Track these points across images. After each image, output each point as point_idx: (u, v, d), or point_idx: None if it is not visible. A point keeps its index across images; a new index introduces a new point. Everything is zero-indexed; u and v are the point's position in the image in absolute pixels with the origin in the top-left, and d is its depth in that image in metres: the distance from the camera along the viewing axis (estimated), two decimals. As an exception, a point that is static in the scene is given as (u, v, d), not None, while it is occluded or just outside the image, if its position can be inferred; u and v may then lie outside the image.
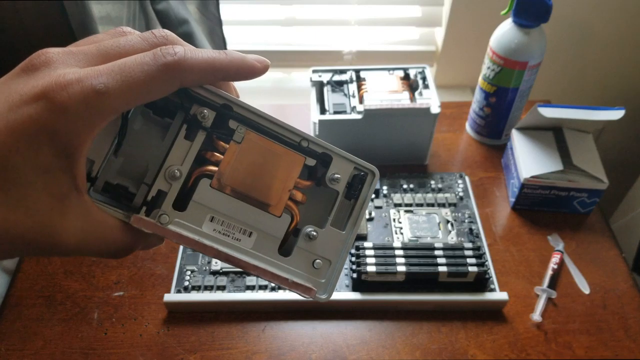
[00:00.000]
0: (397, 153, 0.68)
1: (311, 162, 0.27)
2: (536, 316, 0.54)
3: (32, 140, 0.21)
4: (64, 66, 0.22)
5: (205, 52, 0.24)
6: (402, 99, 0.64)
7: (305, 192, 0.28)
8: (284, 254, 0.27)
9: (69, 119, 0.21)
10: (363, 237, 0.60)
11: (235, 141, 0.26)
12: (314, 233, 0.27)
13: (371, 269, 0.53)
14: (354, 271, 0.54)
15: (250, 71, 0.26)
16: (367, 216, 0.62)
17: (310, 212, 0.28)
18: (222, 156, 0.26)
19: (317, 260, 0.27)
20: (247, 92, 0.92)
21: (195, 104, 0.26)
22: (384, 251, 0.55)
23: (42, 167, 0.21)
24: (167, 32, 0.25)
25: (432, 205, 0.63)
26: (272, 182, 0.27)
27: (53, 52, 0.22)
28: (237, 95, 0.27)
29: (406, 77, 0.67)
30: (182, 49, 0.23)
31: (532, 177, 0.61)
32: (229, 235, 0.26)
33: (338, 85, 0.67)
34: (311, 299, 0.26)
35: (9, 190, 0.21)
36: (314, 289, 0.26)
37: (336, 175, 0.27)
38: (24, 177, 0.21)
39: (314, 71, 0.68)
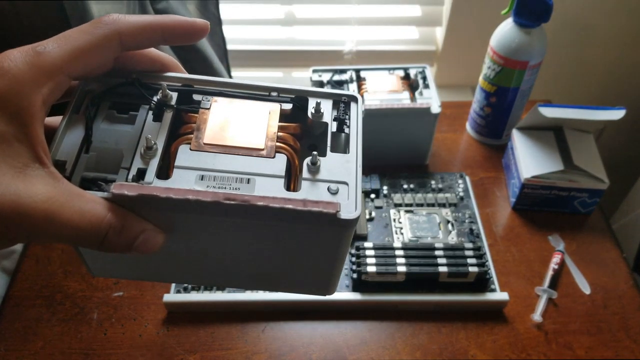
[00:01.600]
0: (397, 153, 0.68)
1: (287, 106, 0.27)
2: (537, 316, 0.54)
3: None
4: None
5: (142, 15, 0.25)
6: (402, 99, 0.63)
7: (297, 137, 0.27)
8: (292, 191, 0.25)
9: (13, 80, 0.21)
10: (363, 237, 0.60)
11: (203, 108, 0.26)
12: (315, 155, 0.25)
13: (371, 269, 0.53)
14: (354, 271, 0.54)
15: (189, 27, 0.26)
16: (367, 216, 0.62)
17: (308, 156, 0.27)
18: (195, 125, 0.26)
19: (331, 185, 0.24)
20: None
21: (155, 95, 0.26)
22: (384, 251, 0.55)
23: None
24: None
25: (433, 205, 0.63)
26: (254, 130, 0.26)
27: (12, 50, 0.23)
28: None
29: (406, 77, 0.67)
30: (117, 14, 0.24)
31: (533, 177, 0.60)
32: (225, 188, 0.24)
33: (338, 85, 0.66)
34: (336, 214, 0.23)
35: None
36: (337, 202, 0.23)
37: (315, 103, 0.27)
38: None
39: (314, 71, 0.68)
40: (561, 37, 0.82)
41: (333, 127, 0.27)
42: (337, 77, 0.67)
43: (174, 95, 0.26)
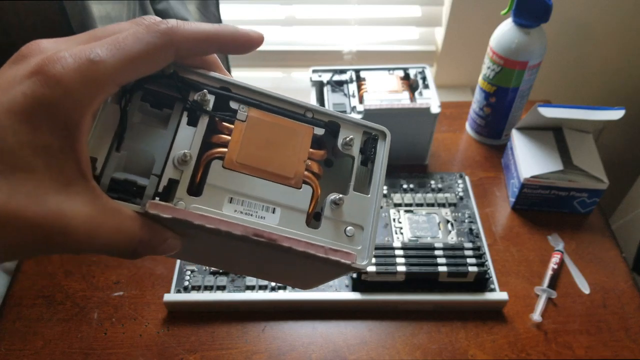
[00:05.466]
0: (397, 153, 0.68)
1: (320, 131, 0.27)
2: (536, 316, 0.54)
3: (29, 118, 0.20)
4: (55, 50, 0.21)
5: (197, 23, 0.24)
6: (402, 99, 0.64)
7: (320, 163, 0.27)
8: (312, 227, 0.26)
9: (65, 91, 0.20)
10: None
11: (239, 120, 0.26)
12: (339, 197, 0.26)
13: (371, 269, 0.53)
14: (354, 271, 0.54)
15: (245, 39, 0.25)
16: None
17: (329, 187, 0.27)
18: (229, 137, 0.25)
19: (349, 228, 0.26)
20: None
21: (192, 92, 0.25)
22: (384, 251, 0.55)
23: (42, 147, 0.20)
24: (156, 17, 0.24)
25: (432, 205, 0.63)
26: (285, 154, 0.26)
27: (42, 41, 0.22)
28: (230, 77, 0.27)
29: (406, 77, 0.67)
30: (174, 20, 0.23)
31: (532, 177, 0.61)
32: (252, 215, 0.24)
33: (338, 85, 0.67)
34: (351, 264, 0.25)
35: (8, 176, 0.19)
36: (354, 253, 0.25)
37: (349, 138, 0.27)
38: (24, 160, 0.20)
39: (314, 71, 0.68)
40: (561, 37, 0.82)
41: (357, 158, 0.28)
42: (337, 77, 0.67)
43: (211, 99, 0.25)
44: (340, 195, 0.26)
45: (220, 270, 0.56)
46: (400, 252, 0.54)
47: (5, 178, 0.19)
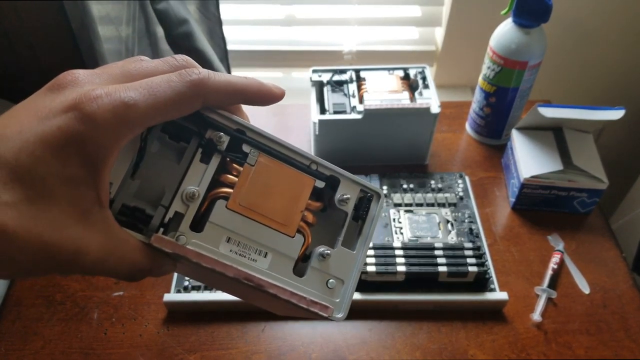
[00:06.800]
0: (397, 153, 0.68)
1: (320, 184, 0.28)
2: (536, 316, 0.54)
3: (61, 150, 0.21)
4: (91, 84, 0.23)
5: (226, 75, 0.25)
6: (402, 99, 0.64)
7: (315, 213, 0.29)
8: (297, 274, 0.27)
9: (98, 130, 0.21)
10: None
11: (249, 164, 0.27)
12: (327, 252, 0.28)
13: (371, 268, 0.53)
14: (353, 271, 0.54)
15: (268, 94, 0.27)
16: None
17: (320, 234, 0.29)
18: (236, 179, 0.27)
19: (331, 280, 0.28)
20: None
21: (209, 129, 0.27)
22: (384, 251, 0.55)
23: (68, 178, 0.21)
24: (188, 57, 0.26)
25: (432, 205, 0.63)
26: (285, 203, 0.27)
27: (79, 72, 0.23)
28: (248, 121, 0.28)
29: (406, 77, 0.67)
30: (205, 71, 0.24)
31: (532, 177, 0.61)
32: (245, 256, 0.26)
33: (338, 85, 0.67)
34: (328, 317, 0.27)
35: (34, 202, 0.21)
36: (331, 307, 0.27)
37: (345, 196, 0.29)
38: (50, 188, 0.21)
39: (314, 71, 0.68)
40: (560, 37, 0.83)
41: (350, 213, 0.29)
42: (337, 77, 0.67)
43: (226, 139, 0.27)
44: (329, 251, 0.28)
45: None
46: (400, 252, 0.54)
47: (33, 204, 0.21)
